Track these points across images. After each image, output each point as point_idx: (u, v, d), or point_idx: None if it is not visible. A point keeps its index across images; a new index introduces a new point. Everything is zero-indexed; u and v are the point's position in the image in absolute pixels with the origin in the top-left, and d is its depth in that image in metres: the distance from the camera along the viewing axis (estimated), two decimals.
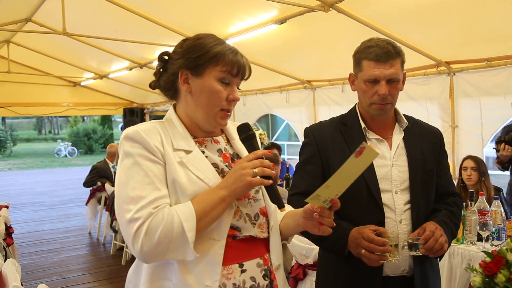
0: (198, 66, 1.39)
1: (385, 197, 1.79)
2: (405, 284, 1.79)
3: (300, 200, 1.79)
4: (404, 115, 1.95)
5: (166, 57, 1.47)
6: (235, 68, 1.40)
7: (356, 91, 1.92)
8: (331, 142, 1.88)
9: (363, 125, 1.88)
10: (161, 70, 1.48)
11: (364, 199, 1.78)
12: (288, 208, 1.63)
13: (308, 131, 1.97)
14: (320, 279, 2.02)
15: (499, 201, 2.95)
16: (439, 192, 1.93)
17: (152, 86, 1.52)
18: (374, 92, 1.79)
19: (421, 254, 1.71)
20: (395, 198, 1.80)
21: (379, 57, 1.76)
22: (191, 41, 1.44)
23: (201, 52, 1.39)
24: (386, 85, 1.77)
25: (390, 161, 1.83)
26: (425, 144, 1.90)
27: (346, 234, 1.72)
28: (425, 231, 1.70)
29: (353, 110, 1.97)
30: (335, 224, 1.41)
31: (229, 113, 1.45)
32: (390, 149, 1.86)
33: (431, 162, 1.89)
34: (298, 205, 1.64)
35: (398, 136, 1.89)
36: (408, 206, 1.80)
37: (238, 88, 1.46)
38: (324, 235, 1.41)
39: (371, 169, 1.79)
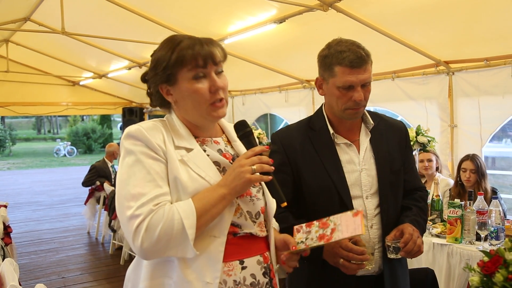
0: (169, 76, 1.39)
1: (356, 204, 1.78)
2: (374, 283, 1.80)
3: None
4: (368, 112, 1.91)
5: (146, 78, 1.47)
6: (199, 59, 1.37)
7: (323, 95, 1.87)
8: (300, 151, 1.85)
9: (331, 131, 1.85)
10: (149, 91, 1.49)
11: (336, 207, 1.74)
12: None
13: (275, 138, 1.92)
14: (292, 282, 1.99)
15: (497, 200, 2.95)
16: (406, 188, 1.93)
17: (152, 105, 1.53)
18: (348, 98, 1.74)
19: (400, 257, 1.71)
20: (366, 204, 1.80)
21: (354, 63, 1.70)
22: (155, 54, 1.43)
23: (165, 63, 1.37)
24: (361, 90, 1.74)
25: (359, 166, 1.82)
26: (391, 143, 1.90)
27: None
28: (404, 234, 1.70)
29: (320, 112, 1.93)
30: (298, 265, 1.52)
31: (221, 103, 1.42)
32: (359, 152, 1.85)
33: (398, 161, 1.89)
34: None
35: (365, 139, 1.87)
36: (378, 210, 1.81)
37: (220, 72, 1.42)
38: (286, 271, 1.51)
39: (341, 176, 1.78)
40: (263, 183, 1.48)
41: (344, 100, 1.75)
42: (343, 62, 1.71)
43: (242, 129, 1.47)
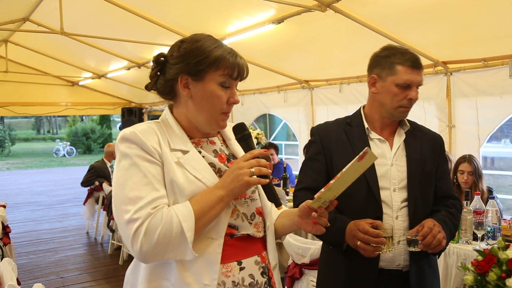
0: (199, 72, 1.38)
1: (383, 194, 1.87)
2: (401, 279, 1.86)
3: (306, 195, 1.85)
4: (406, 119, 2.03)
5: (163, 59, 1.45)
6: (235, 71, 1.40)
7: (375, 93, 1.96)
8: (335, 141, 1.97)
9: (366, 126, 1.97)
10: (158, 73, 1.46)
11: (364, 195, 1.86)
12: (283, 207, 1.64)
13: (314, 130, 2.06)
14: (321, 272, 2.09)
15: (494, 200, 2.96)
16: (438, 194, 2.00)
17: (149, 88, 1.50)
18: (404, 96, 1.88)
19: (419, 250, 1.77)
20: (393, 196, 1.87)
21: (415, 64, 1.88)
22: (189, 44, 1.41)
23: (202, 57, 1.37)
24: (416, 90, 1.90)
25: (390, 161, 1.91)
26: (425, 148, 1.99)
27: (343, 227, 1.80)
28: (423, 227, 1.77)
29: (357, 112, 2.06)
30: (329, 224, 1.43)
31: (227, 115, 1.46)
32: (391, 149, 1.94)
33: (430, 165, 1.97)
34: (304, 200, 1.68)
35: (399, 138, 1.98)
36: (405, 203, 1.88)
37: (236, 89, 1.46)
38: (317, 234, 1.44)
39: (371, 167, 1.87)
40: (259, 185, 1.48)
41: (400, 98, 1.89)
42: (406, 62, 1.87)
43: (241, 131, 1.47)
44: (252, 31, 4.96)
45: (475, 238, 3.03)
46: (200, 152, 1.44)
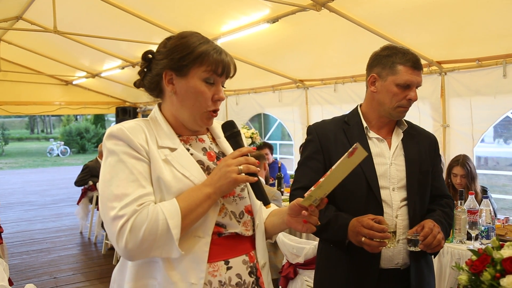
0: (183, 67, 1.38)
1: (383, 194, 1.88)
2: (399, 277, 1.88)
3: (302, 195, 1.84)
4: (403, 119, 2.04)
5: (150, 56, 1.46)
6: (220, 67, 1.39)
7: (374, 92, 1.95)
8: (334, 140, 1.96)
9: (365, 125, 1.97)
10: (145, 69, 1.47)
11: (364, 195, 1.87)
12: (273, 206, 1.63)
13: (311, 129, 2.05)
14: (319, 272, 2.07)
15: (488, 200, 2.96)
16: (433, 193, 2.02)
17: (137, 85, 1.50)
18: (404, 96, 1.88)
19: (419, 250, 1.78)
20: (392, 195, 1.89)
21: (416, 65, 1.88)
22: (174, 40, 1.42)
23: (185, 53, 1.38)
24: (415, 90, 1.90)
25: (389, 160, 1.92)
26: (421, 147, 2.00)
27: (346, 224, 1.80)
28: (424, 228, 1.79)
29: (355, 111, 2.06)
30: (319, 223, 1.42)
31: (215, 114, 1.44)
32: (390, 149, 1.95)
33: (427, 164, 1.98)
34: None
35: (397, 138, 1.99)
36: (404, 202, 1.90)
37: (223, 87, 1.45)
38: (308, 232, 1.42)
39: (371, 166, 1.89)
40: (248, 183, 1.46)
41: (399, 98, 1.89)
42: (407, 62, 1.87)
43: (230, 129, 1.46)
44: (246, 30, 4.95)
45: (469, 237, 3.04)
46: (188, 149, 1.43)
